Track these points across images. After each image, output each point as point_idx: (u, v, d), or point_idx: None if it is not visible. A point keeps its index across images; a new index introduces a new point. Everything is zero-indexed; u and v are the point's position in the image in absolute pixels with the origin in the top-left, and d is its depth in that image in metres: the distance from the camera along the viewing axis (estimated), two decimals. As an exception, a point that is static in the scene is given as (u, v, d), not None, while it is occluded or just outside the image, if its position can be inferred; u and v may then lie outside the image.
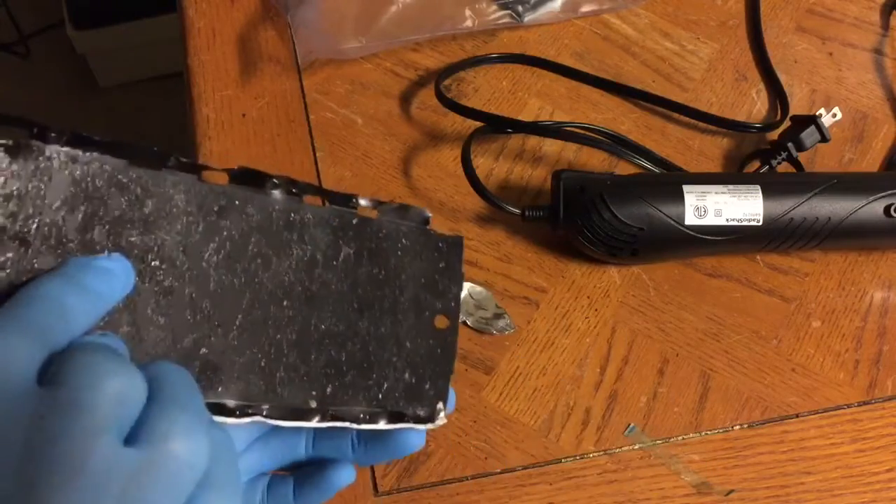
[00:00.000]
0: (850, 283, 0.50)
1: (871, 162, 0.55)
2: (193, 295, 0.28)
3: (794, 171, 0.53)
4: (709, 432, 0.45)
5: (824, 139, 0.52)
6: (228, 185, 0.30)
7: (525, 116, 0.55)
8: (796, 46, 0.59)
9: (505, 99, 0.56)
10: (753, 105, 0.57)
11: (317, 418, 0.30)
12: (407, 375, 0.32)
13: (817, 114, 0.52)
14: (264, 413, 0.29)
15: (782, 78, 0.57)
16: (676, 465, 0.44)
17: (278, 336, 0.30)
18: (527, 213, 0.48)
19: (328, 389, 0.31)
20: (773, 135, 0.54)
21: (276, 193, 0.30)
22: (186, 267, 0.28)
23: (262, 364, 0.29)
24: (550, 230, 0.49)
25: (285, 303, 0.30)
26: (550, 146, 0.54)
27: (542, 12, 0.58)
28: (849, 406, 0.46)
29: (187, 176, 0.28)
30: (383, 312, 0.32)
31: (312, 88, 0.56)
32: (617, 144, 0.54)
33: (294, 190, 0.31)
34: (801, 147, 0.52)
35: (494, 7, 0.57)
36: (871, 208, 0.47)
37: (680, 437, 0.45)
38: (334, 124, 0.54)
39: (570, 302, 0.49)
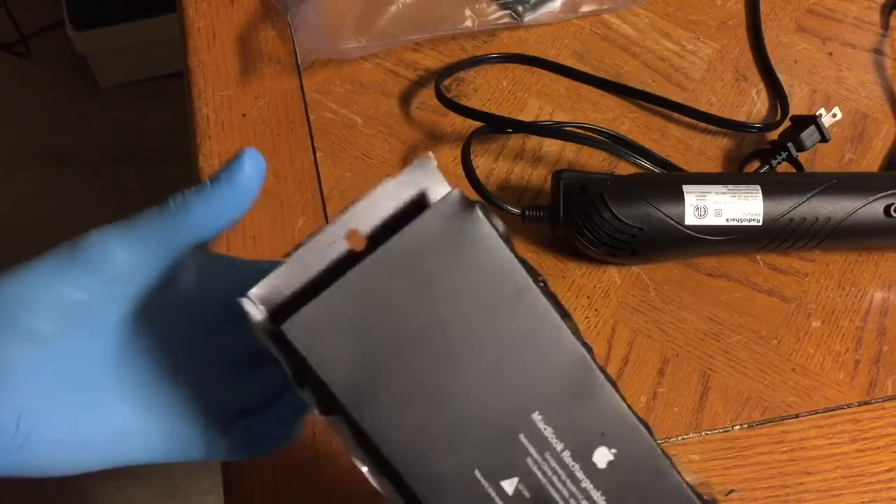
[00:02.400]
0: (850, 283, 0.50)
1: (871, 162, 0.55)
2: None
3: (794, 171, 0.53)
4: (709, 432, 0.45)
5: (824, 139, 0.52)
6: None
7: (525, 116, 0.55)
8: (796, 46, 0.59)
9: (505, 99, 0.56)
10: (753, 105, 0.57)
11: None
12: None
13: (817, 114, 0.52)
14: None
15: (782, 78, 0.57)
16: (676, 465, 0.44)
17: None
18: (527, 213, 0.48)
19: None
20: (773, 135, 0.54)
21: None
22: None
23: None
24: (550, 230, 0.49)
25: None
26: (550, 146, 0.54)
27: (542, 12, 0.58)
28: (849, 406, 0.46)
29: None
30: None
31: (312, 88, 0.56)
32: (617, 144, 0.54)
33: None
34: (801, 147, 0.52)
35: (494, 7, 0.57)
36: (871, 208, 0.47)
37: (680, 437, 0.45)
38: (334, 124, 0.54)
39: (570, 302, 0.49)
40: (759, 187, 0.46)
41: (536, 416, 0.27)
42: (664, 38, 0.59)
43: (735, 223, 0.46)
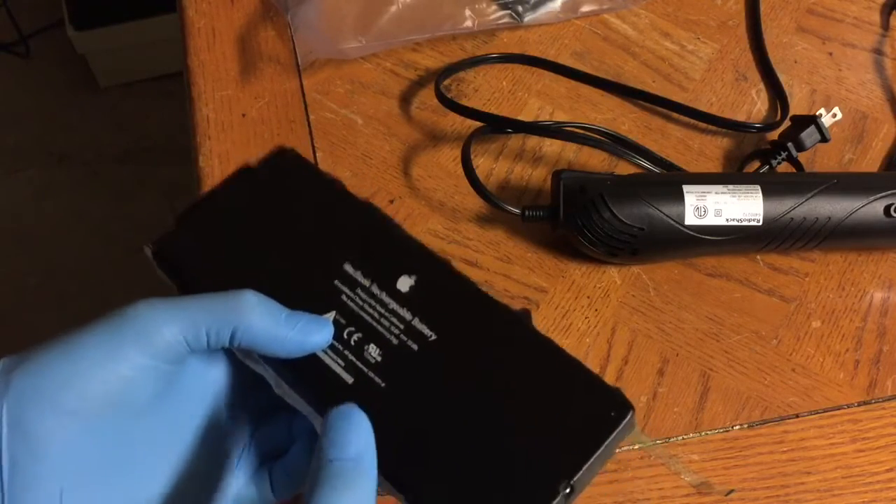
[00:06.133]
0: (850, 283, 0.50)
1: (871, 162, 0.55)
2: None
3: (794, 171, 0.53)
4: (709, 432, 0.45)
5: (824, 139, 0.52)
6: None
7: (525, 116, 0.55)
8: (796, 46, 0.59)
9: (505, 99, 0.56)
10: (753, 105, 0.57)
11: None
12: None
13: (817, 114, 0.52)
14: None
15: (782, 78, 0.57)
16: (676, 465, 0.44)
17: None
18: (527, 213, 0.48)
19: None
20: (773, 135, 0.54)
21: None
22: None
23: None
24: (550, 230, 0.49)
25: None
26: (550, 146, 0.54)
27: (542, 12, 0.58)
28: (849, 406, 0.46)
29: None
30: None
31: (312, 88, 0.56)
32: (617, 144, 0.54)
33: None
34: (801, 147, 0.52)
35: (494, 7, 0.57)
36: (871, 208, 0.47)
37: (680, 437, 0.45)
38: (334, 124, 0.54)
39: (570, 302, 0.49)
40: (759, 187, 0.46)
41: (347, 266, 0.34)
42: (664, 38, 0.59)
43: (735, 223, 0.46)
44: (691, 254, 0.50)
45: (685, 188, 0.46)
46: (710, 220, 0.46)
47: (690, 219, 0.45)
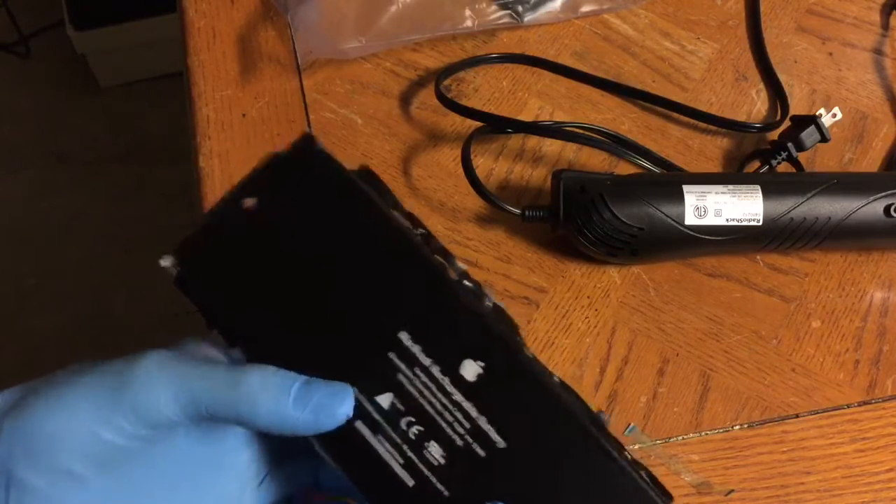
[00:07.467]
0: (850, 283, 0.50)
1: (871, 162, 0.55)
2: None
3: (794, 171, 0.53)
4: (709, 432, 0.45)
5: (824, 139, 0.52)
6: None
7: (525, 116, 0.55)
8: (796, 46, 0.59)
9: (505, 99, 0.56)
10: (753, 105, 0.57)
11: None
12: None
13: (817, 114, 0.52)
14: None
15: (782, 78, 0.57)
16: (676, 465, 0.44)
17: None
18: (527, 213, 0.48)
19: None
20: (773, 135, 0.54)
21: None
22: None
23: None
24: (550, 230, 0.49)
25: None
26: (550, 146, 0.54)
27: (542, 12, 0.58)
28: (849, 406, 0.46)
29: None
30: None
31: (312, 88, 0.56)
32: (617, 144, 0.54)
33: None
34: (801, 147, 0.52)
35: (494, 7, 0.57)
36: (871, 208, 0.47)
37: (680, 437, 0.45)
38: (334, 124, 0.54)
39: (570, 302, 0.49)
40: (759, 187, 0.46)
41: (404, 335, 0.29)
42: (664, 38, 0.59)
43: (735, 223, 0.46)
44: (691, 254, 0.50)
45: (685, 188, 0.46)
46: (710, 220, 0.46)
47: (690, 219, 0.45)
